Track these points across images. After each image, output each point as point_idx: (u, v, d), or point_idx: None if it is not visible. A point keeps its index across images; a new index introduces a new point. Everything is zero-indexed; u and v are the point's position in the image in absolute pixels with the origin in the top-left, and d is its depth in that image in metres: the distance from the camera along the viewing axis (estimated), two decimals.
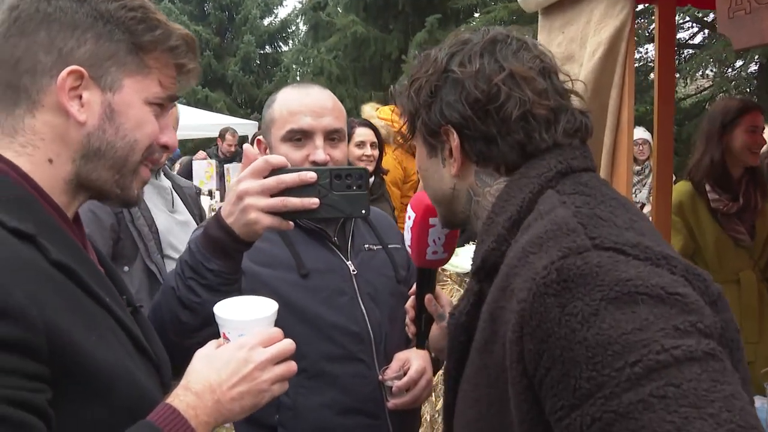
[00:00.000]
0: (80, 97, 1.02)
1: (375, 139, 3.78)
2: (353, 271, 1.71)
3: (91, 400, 0.94)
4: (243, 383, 1.06)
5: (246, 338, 1.11)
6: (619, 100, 2.63)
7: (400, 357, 1.66)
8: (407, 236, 1.43)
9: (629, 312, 0.78)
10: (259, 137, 1.79)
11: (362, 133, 3.76)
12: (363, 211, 1.25)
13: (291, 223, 1.27)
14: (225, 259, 1.29)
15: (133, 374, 1.02)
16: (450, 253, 1.44)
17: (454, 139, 1.08)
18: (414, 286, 1.51)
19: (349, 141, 3.77)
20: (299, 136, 1.64)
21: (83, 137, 1.03)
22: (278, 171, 1.23)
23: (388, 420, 1.65)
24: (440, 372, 2.23)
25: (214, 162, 7.71)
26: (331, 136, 1.66)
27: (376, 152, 3.78)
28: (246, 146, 1.40)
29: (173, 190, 3.08)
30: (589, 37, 2.70)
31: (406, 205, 4.60)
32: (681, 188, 3.22)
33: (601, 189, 1.02)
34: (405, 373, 1.63)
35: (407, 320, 1.52)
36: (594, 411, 0.77)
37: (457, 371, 1.09)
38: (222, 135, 8.62)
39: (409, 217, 1.39)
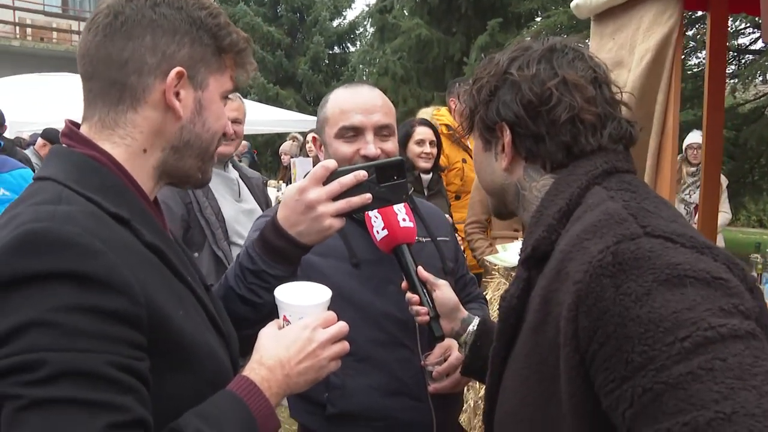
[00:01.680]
0: (177, 94, 1.10)
1: (434, 138, 3.93)
2: None
3: (178, 369, 1.02)
4: (308, 359, 1.16)
5: (309, 320, 1.20)
6: (665, 105, 2.68)
7: (442, 344, 1.72)
8: (377, 223, 1.52)
9: (678, 293, 0.83)
10: (314, 135, 1.88)
11: (422, 132, 3.91)
12: (404, 197, 1.39)
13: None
14: (288, 264, 1.36)
15: (212, 347, 1.11)
16: (413, 221, 1.58)
17: (507, 136, 1.16)
18: (405, 282, 1.58)
19: (409, 139, 3.94)
20: (351, 133, 1.72)
21: (177, 130, 1.12)
22: (333, 174, 1.32)
23: (430, 402, 1.73)
24: None
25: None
26: (381, 132, 1.74)
27: (435, 150, 3.94)
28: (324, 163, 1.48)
29: (240, 181, 3.19)
30: (637, 44, 2.75)
31: (453, 192, 4.66)
32: None
33: (644, 188, 1.08)
34: (446, 360, 1.70)
35: (414, 309, 1.57)
36: (645, 382, 0.82)
37: (505, 351, 1.15)
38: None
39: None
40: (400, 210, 1.58)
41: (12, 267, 0.88)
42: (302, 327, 1.19)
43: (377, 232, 1.60)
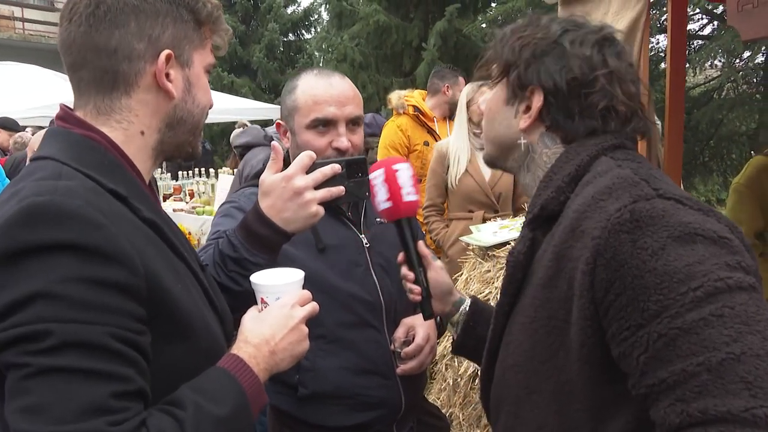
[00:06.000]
0: (168, 75, 1.13)
1: None
2: (366, 244, 1.80)
3: (175, 341, 1.05)
4: (290, 334, 1.21)
5: (286, 299, 1.25)
6: None
7: (405, 322, 1.79)
8: (382, 192, 1.49)
9: (689, 249, 0.91)
10: (279, 121, 1.86)
11: None
12: (366, 194, 1.47)
13: None
14: (270, 252, 1.40)
15: (207, 322, 1.14)
16: (418, 194, 1.55)
17: (539, 101, 1.19)
18: (401, 255, 1.57)
19: None
20: (325, 124, 1.72)
21: (170, 109, 1.15)
22: (312, 165, 1.38)
23: (398, 380, 1.79)
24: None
25: None
26: (351, 124, 1.75)
27: None
28: (274, 144, 1.47)
29: None
30: None
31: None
32: (755, 162, 3.26)
33: (647, 161, 1.15)
34: (412, 339, 1.75)
35: (408, 286, 1.57)
36: (660, 328, 0.89)
37: (510, 305, 1.21)
38: None
39: (376, 177, 1.48)
40: (406, 183, 1.55)
41: (17, 239, 0.90)
42: (281, 305, 1.24)
43: (379, 201, 1.56)
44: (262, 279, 1.29)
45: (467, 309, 1.60)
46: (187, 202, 6.02)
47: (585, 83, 1.15)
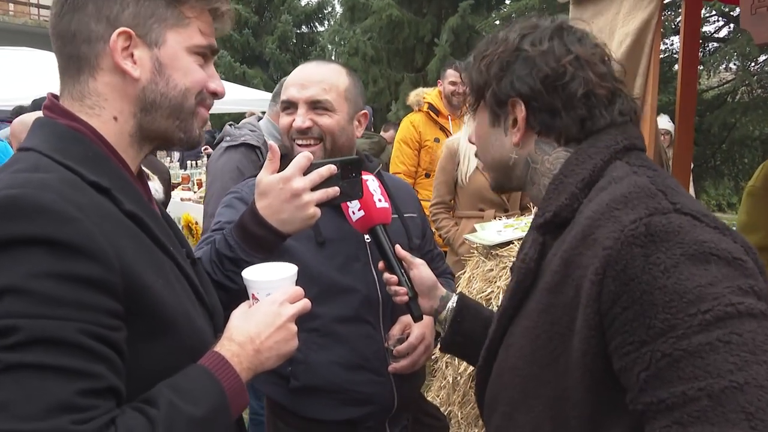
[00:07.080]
0: (132, 55, 1.08)
1: None
2: (367, 239, 1.78)
3: (155, 337, 1.02)
4: (277, 333, 1.16)
5: (276, 295, 1.21)
6: (643, 89, 2.72)
7: (402, 320, 1.79)
8: (353, 204, 1.56)
9: (702, 269, 0.89)
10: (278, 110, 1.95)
11: None
12: (360, 193, 1.47)
13: None
14: (266, 253, 1.38)
15: (192, 318, 1.10)
16: (388, 202, 1.62)
17: (521, 111, 1.18)
18: (381, 263, 1.60)
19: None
20: (289, 106, 1.79)
21: (139, 92, 1.10)
22: (310, 166, 1.38)
23: (391, 377, 1.78)
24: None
25: None
26: (315, 106, 1.76)
27: None
28: (271, 143, 1.46)
29: None
30: (617, 28, 2.78)
31: (423, 169, 4.95)
32: None
33: (661, 168, 1.13)
34: (407, 337, 1.76)
35: (393, 289, 1.58)
36: (665, 348, 0.88)
37: (514, 310, 1.20)
38: None
39: None
40: (376, 191, 1.60)
41: None
42: (270, 302, 1.20)
43: (353, 212, 1.61)
44: (253, 275, 1.26)
45: (454, 305, 1.59)
46: (195, 192, 6.04)
47: (557, 76, 1.14)
